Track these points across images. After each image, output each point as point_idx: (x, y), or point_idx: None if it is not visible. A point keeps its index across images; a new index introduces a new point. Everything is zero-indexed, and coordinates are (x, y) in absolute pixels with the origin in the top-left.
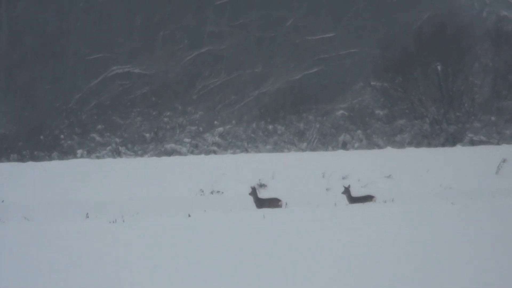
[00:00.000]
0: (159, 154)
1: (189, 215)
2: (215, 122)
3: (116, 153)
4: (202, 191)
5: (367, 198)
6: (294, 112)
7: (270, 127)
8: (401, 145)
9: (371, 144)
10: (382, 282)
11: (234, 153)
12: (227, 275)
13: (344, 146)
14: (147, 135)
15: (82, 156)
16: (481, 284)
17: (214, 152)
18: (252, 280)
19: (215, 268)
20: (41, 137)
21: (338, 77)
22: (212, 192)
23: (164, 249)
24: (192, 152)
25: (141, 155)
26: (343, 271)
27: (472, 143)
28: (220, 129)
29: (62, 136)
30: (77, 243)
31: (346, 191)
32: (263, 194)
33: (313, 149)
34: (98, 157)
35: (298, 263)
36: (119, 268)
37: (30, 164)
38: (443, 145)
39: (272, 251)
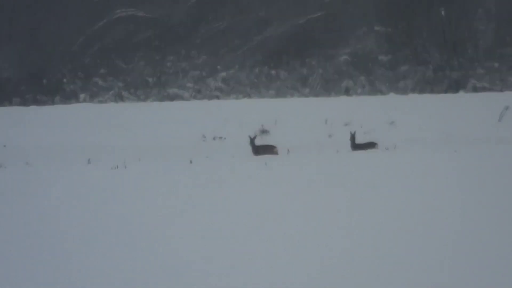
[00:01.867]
0: (161, 99)
1: (191, 161)
2: (218, 67)
3: (119, 98)
4: (205, 137)
5: (370, 145)
6: (297, 58)
7: (273, 72)
8: (404, 91)
9: (374, 90)
10: (381, 224)
11: (236, 98)
12: (227, 220)
13: (347, 92)
14: (150, 79)
15: (84, 101)
16: (481, 224)
17: (217, 97)
18: (251, 224)
19: (216, 214)
20: (44, 81)
21: (342, 22)
22: (214, 138)
23: (166, 195)
24: (194, 97)
25: (144, 100)
26: (343, 216)
27: (475, 89)
28: (223, 74)
29: (64, 80)
30: (79, 188)
31: (352, 138)
32: (266, 140)
33: (316, 95)
34: (100, 102)
35: (298, 210)
36: (119, 213)
37: (33, 108)
38: (446, 91)
39: (272, 197)
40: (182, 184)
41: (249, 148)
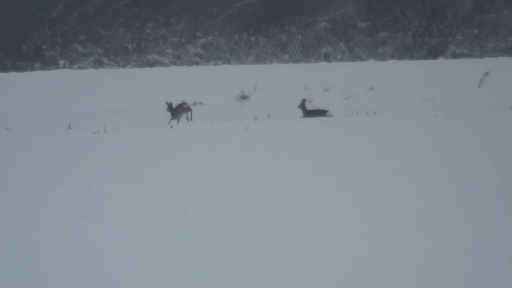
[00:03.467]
0: (141, 65)
1: (172, 126)
2: (198, 33)
3: (99, 64)
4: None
5: (321, 113)
6: (277, 24)
7: (253, 38)
8: (383, 57)
9: (354, 56)
10: (359, 195)
11: (216, 64)
12: (208, 185)
13: (327, 58)
14: (130, 46)
15: (64, 67)
16: (464, 195)
17: (197, 63)
18: (233, 189)
19: (197, 180)
20: (23, 47)
21: None
22: (194, 104)
23: (146, 160)
24: (174, 63)
25: (123, 66)
26: (323, 182)
27: (455, 56)
28: (203, 40)
29: (44, 46)
30: (60, 153)
31: (302, 105)
32: (246, 105)
33: (295, 61)
34: (80, 68)
35: (277, 172)
36: (99, 178)
37: (12, 74)
38: (425, 57)
39: (254, 162)
40: (163, 148)
41: (230, 112)
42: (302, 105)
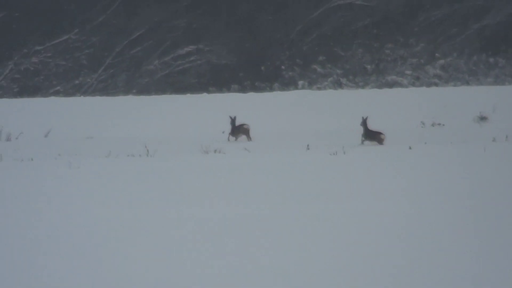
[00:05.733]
0: (380, 86)
1: (410, 147)
2: (436, 54)
3: (337, 85)
4: (423, 123)
5: (377, 134)
6: None
7: (491, 60)
8: None
9: None
10: None
11: (455, 85)
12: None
13: None
14: (369, 66)
15: (303, 87)
16: None
17: (435, 84)
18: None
19: (431, 199)
20: (262, 68)
21: None
22: (433, 125)
23: (385, 179)
24: (413, 84)
25: (362, 87)
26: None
27: None
28: (441, 61)
29: (283, 67)
30: (297, 174)
31: (363, 123)
32: (485, 127)
33: None
34: (319, 88)
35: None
36: (338, 197)
37: (251, 95)
38: None
39: (494, 185)
40: (402, 169)
41: (469, 134)
42: (364, 123)
